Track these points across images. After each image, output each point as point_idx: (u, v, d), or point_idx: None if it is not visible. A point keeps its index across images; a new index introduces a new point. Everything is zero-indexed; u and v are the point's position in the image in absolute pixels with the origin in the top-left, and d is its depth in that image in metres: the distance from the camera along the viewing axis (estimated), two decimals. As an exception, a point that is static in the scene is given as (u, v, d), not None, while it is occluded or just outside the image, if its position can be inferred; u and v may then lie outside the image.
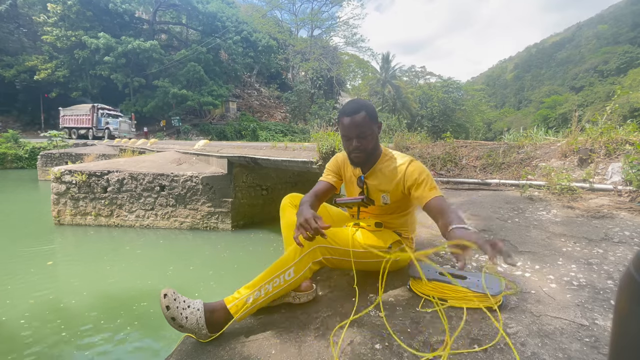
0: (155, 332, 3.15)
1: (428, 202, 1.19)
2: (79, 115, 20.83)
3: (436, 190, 1.22)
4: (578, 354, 0.90)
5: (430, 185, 1.23)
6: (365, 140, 1.26)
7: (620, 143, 2.98)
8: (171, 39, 29.79)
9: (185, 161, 7.34)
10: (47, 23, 22.15)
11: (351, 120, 1.24)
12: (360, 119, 1.23)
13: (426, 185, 1.23)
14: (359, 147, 1.26)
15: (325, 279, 1.50)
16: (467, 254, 0.88)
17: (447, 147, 4.24)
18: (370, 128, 1.25)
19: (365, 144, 1.26)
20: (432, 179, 1.26)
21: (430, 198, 1.19)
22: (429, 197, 1.19)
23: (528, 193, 2.74)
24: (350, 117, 1.24)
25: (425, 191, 1.21)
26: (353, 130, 1.25)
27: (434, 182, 1.25)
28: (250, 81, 34.05)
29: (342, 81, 34.88)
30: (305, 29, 35.24)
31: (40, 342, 2.91)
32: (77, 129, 21.09)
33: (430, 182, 1.24)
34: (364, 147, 1.27)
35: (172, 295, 1.07)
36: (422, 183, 1.24)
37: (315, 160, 4.66)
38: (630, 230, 1.85)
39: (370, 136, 1.26)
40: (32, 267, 4.49)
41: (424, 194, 1.21)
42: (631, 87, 36.17)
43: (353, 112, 1.24)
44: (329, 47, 32.29)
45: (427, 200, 1.19)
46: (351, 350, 0.98)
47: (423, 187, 1.23)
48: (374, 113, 1.27)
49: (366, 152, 1.28)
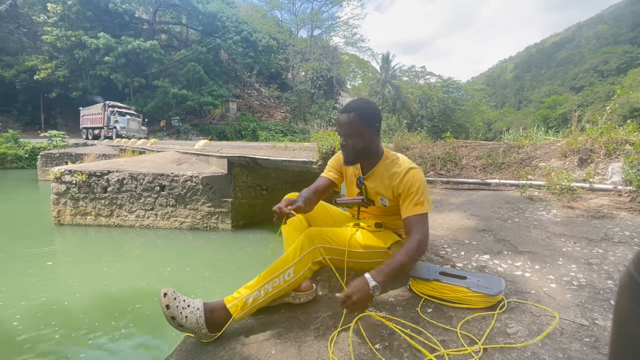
0: (155, 332, 3.15)
1: (407, 218, 1.24)
2: (93, 114, 20.03)
3: (421, 206, 1.22)
4: (578, 354, 0.90)
5: (416, 201, 1.23)
6: (351, 139, 1.27)
7: (620, 143, 2.98)
8: (171, 39, 29.79)
9: (185, 161, 7.34)
10: (47, 23, 22.15)
11: (340, 119, 1.28)
12: (347, 119, 1.25)
13: (413, 199, 1.23)
14: (345, 146, 1.30)
15: (325, 279, 1.50)
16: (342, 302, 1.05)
17: (447, 147, 4.24)
18: (358, 129, 1.26)
19: (352, 144, 1.28)
20: (423, 193, 1.25)
21: (409, 214, 1.23)
22: (409, 213, 1.23)
23: (528, 193, 2.74)
24: (342, 115, 1.28)
25: (409, 206, 1.24)
26: (341, 129, 1.29)
27: (425, 196, 1.25)
28: (250, 81, 34.05)
29: (342, 81, 34.88)
30: (305, 29, 35.28)
31: (40, 342, 2.90)
32: (92, 129, 20.40)
33: (418, 197, 1.23)
34: (350, 147, 1.28)
35: (172, 295, 1.07)
36: (410, 195, 1.24)
37: (315, 160, 4.66)
38: (630, 230, 1.85)
39: (358, 136, 1.26)
40: (32, 268, 4.49)
41: (407, 208, 1.24)
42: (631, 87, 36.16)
43: (345, 110, 1.28)
44: (329, 47, 32.30)
45: (406, 216, 1.24)
46: (351, 350, 0.98)
47: (410, 200, 1.24)
48: (368, 115, 1.26)
49: (354, 151, 1.29)
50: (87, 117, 20.65)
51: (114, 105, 19.26)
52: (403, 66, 34.14)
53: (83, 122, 20.99)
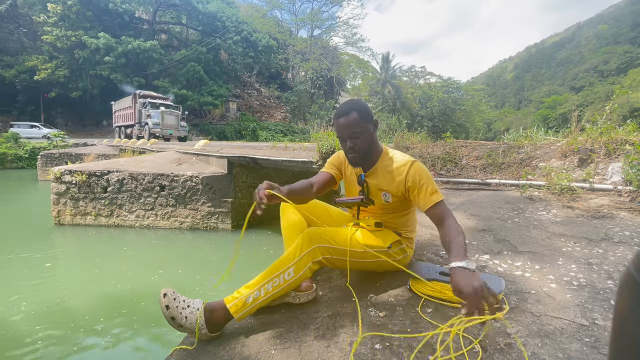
0: (155, 331, 3.15)
1: (430, 209, 1.21)
2: (124, 109, 15.93)
3: (437, 194, 1.22)
4: (578, 354, 0.90)
5: (431, 189, 1.23)
6: (359, 139, 1.26)
7: (620, 143, 2.98)
8: (171, 39, 29.79)
9: (185, 161, 7.34)
10: (47, 23, 22.14)
11: (343, 122, 1.25)
12: (352, 120, 1.23)
13: (427, 190, 1.23)
14: (354, 148, 1.27)
15: (325, 279, 1.50)
16: (468, 305, 0.87)
17: (447, 147, 4.24)
18: (363, 127, 1.25)
19: (360, 144, 1.26)
20: (433, 181, 1.26)
21: (431, 204, 1.20)
22: (430, 203, 1.20)
23: (528, 193, 2.74)
24: (342, 118, 1.25)
25: (427, 196, 1.22)
26: (345, 131, 1.25)
27: (435, 185, 1.25)
28: (250, 81, 34.05)
29: (342, 81, 34.88)
30: (305, 29, 35.28)
31: (39, 342, 2.90)
32: (124, 127, 16.24)
33: (431, 186, 1.23)
34: (358, 148, 1.27)
35: (172, 295, 1.07)
36: (423, 186, 1.23)
37: (315, 160, 4.66)
38: (630, 230, 1.85)
39: (364, 136, 1.26)
40: (31, 268, 4.49)
41: (426, 199, 1.22)
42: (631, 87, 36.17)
43: (344, 113, 1.25)
44: (329, 47, 32.30)
45: (429, 206, 1.21)
46: (351, 351, 0.98)
47: (425, 192, 1.23)
48: (366, 112, 1.27)
49: (361, 152, 1.28)
50: (118, 113, 16.90)
51: (145, 96, 14.94)
52: (403, 66, 34.18)
53: (115, 119, 17.44)
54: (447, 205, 1.22)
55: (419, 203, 1.25)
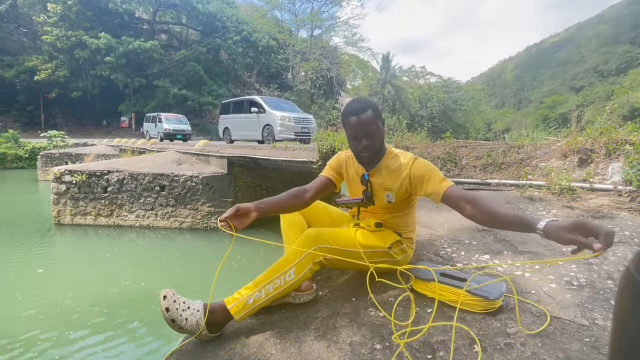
0: (155, 332, 3.15)
1: (445, 195, 1.17)
2: None
3: (447, 180, 1.21)
4: (578, 354, 0.90)
5: (440, 178, 1.22)
6: (374, 137, 1.24)
7: (620, 143, 2.98)
8: (171, 39, 29.81)
9: (185, 161, 7.34)
10: (47, 23, 22.17)
11: (358, 120, 1.22)
12: (368, 118, 1.21)
13: (436, 178, 1.21)
14: (369, 146, 1.24)
15: (325, 279, 1.50)
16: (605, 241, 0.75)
17: (447, 147, 4.24)
18: (378, 126, 1.25)
19: (374, 142, 1.25)
20: (439, 171, 1.25)
21: (445, 189, 1.17)
22: (443, 189, 1.18)
23: (528, 193, 2.74)
24: (358, 116, 1.22)
25: (438, 184, 1.20)
26: (361, 129, 1.23)
27: (441, 174, 1.24)
28: (250, 81, 34.03)
29: (342, 81, 34.85)
30: (305, 29, 35.25)
31: (39, 342, 2.90)
32: None
33: (439, 175, 1.23)
34: (372, 146, 1.25)
35: (172, 297, 1.07)
36: (431, 177, 1.22)
37: (315, 160, 4.66)
38: (630, 230, 1.85)
39: (378, 134, 1.26)
40: (31, 268, 4.49)
41: (438, 186, 1.19)
42: (631, 87, 36.18)
43: (360, 111, 1.22)
44: (329, 47, 32.25)
45: (443, 191, 1.17)
46: (351, 351, 0.98)
47: (434, 181, 1.21)
48: (378, 110, 1.27)
49: (374, 150, 1.27)
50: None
51: None
52: (403, 66, 34.17)
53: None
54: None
55: (431, 193, 1.22)
